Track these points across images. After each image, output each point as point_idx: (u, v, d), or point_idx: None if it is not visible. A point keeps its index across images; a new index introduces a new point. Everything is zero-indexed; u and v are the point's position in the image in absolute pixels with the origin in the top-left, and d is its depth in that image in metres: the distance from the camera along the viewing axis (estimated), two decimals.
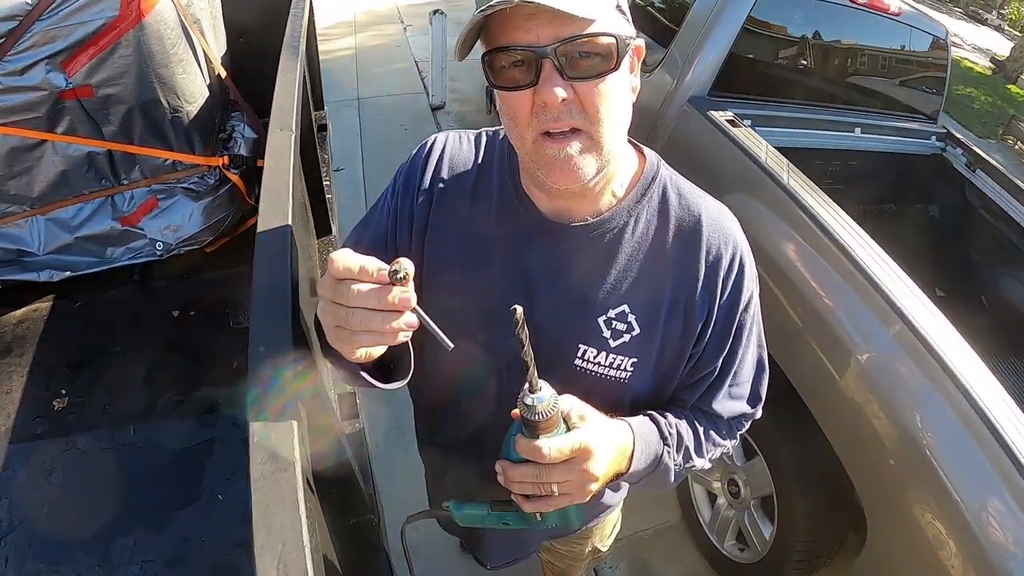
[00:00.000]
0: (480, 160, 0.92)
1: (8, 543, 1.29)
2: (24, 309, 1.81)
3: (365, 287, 0.62)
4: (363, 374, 0.75)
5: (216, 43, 2.06)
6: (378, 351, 0.70)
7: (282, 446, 0.65)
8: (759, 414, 1.01)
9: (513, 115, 0.74)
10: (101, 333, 1.75)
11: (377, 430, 2.61)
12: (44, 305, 1.83)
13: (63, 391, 1.59)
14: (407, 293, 0.62)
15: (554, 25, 0.67)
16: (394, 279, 0.61)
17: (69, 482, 1.40)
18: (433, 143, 0.94)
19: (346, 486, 1.08)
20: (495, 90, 0.75)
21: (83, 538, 1.32)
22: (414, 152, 0.94)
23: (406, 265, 0.61)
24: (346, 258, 0.62)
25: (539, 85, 0.70)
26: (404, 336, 0.65)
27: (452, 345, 0.65)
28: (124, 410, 1.55)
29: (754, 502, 2.14)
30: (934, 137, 3.12)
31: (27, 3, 1.50)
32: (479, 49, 0.76)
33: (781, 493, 2.00)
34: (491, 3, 0.66)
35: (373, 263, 0.62)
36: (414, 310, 0.63)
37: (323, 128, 2.68)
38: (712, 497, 2.38)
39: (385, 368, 0.80)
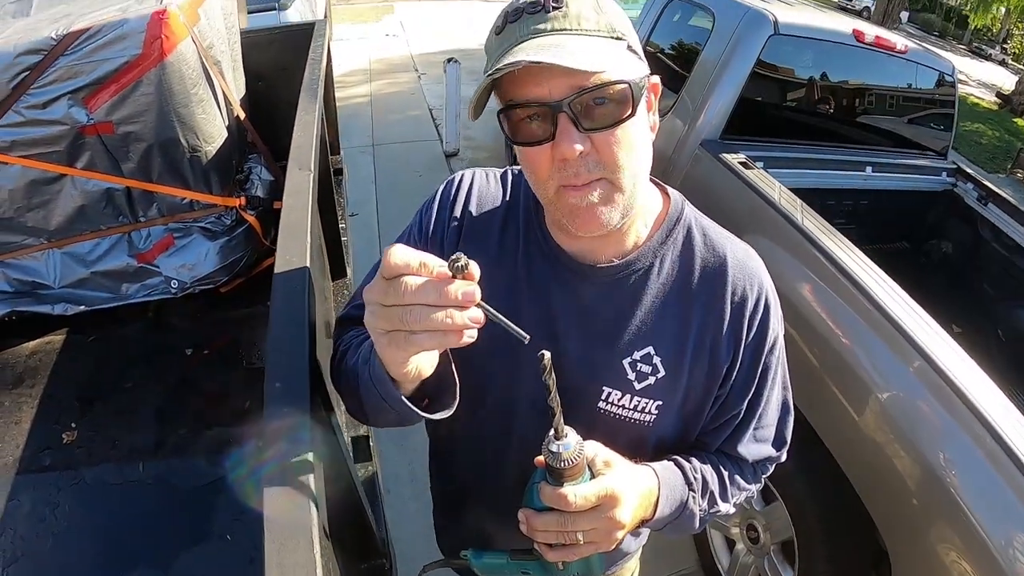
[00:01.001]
0: (507, 199, 0.92)
1: (10, 574, 1.26)
2: (37, 341, 1.81)
3: (422, 280, 0.57)
4: (404, 400, 0.69)
5: (236, 85, 2.09)
6: (429, 367, 0.67)
7: (297, 485, 0.64)
8: (784, 457, 1.00)
9: (534, 169, 0.74)
10: (113, 368, 1.74)
11: (389, 474, 2.59)
12: (57, 338, 1.82)
13: (73, 424, 1.57)
14: (471, 286, 0.57)
15: (566, 78, 0.67)
16: (455, 271, 0.57)
17: (75, 515, 1.38)
18: (461, 180, 0.94)
19: (359, 530, 1.06)
20: (514, 145, 0.75)
21: (86, 573, 1.30)
22: (441, 188, 0.94)
23: (468, 259, 0.57)
24: (403, 253, 0.58)
25: (556, 139, 0.69)
26: (469, 336, 0.59)
27: (528, 337, 0.60)
28: (134, 446, 1.53)
29: (774, 547, 2.09)
30: (944, 173, 3.14)
31: (52, 38, 1.53)
32: (491, 102, 0.76)
33: (802, 537, 1.95)
34: (498, 66, 0.67)
35: (434, 259, 0.58)
36: (479, 304, 0.58)
37: (339, 172, 2.71)
38: (730, 543, 2.33)
39: (420, 397, 0.76)
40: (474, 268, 0.58)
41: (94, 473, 1.46)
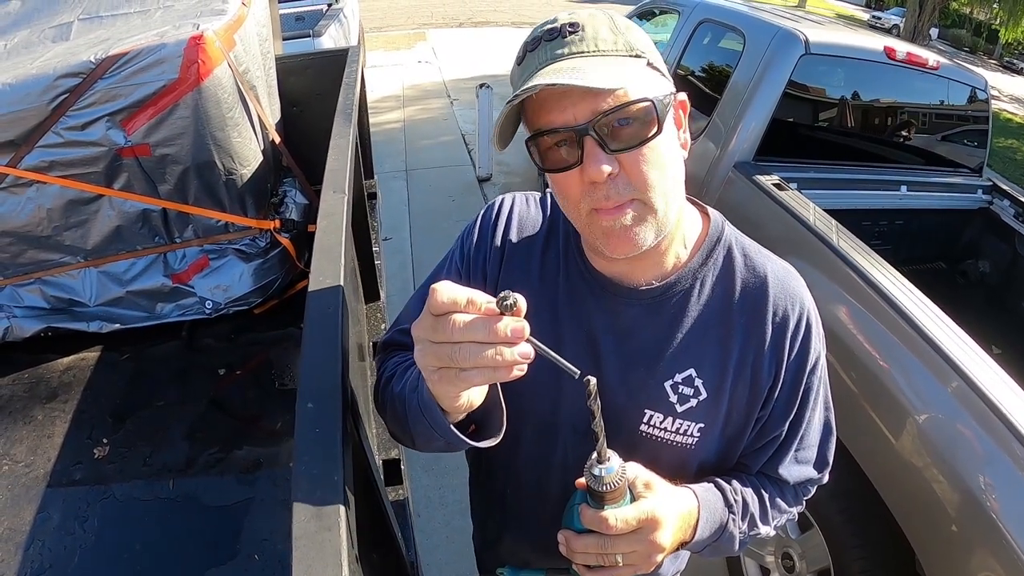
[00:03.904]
0: (547, 223, 0.93)
1: None
2: (71, 357, 1.84)
3: (471, 318, 0.58)
4: (454, 429, 0.70)
5: (271, 110, 2.12)
6: (479, 397, 0.68)
7: (327, 505, 0.63)
8: (826, 479, 0.97)
9: (565, 194, 0.75)
10: (146, 386, 1.76)
11: (420, 498, 2.58)
12: (91, 355, 1.85)
13: (104, 440, 1.59)
14: (520, 323, 0.58)
15: (587, 101, 0.68)
16: (503, 309, 0.57)
17: (103, 530, 1.38)
18: (501, 204, 0.95)
19: (388, 553, 1.05)
20: (544, 172, 0.76)
21: None
22: (481, 214, 0.95)
23: (516, 296, 0.57)
24: (450, 290, 0.58)
25: (584, 163, 0.70)
26: (519, 371, 0.60)
27: (578, 372, 0.60)
28: (164, 463, 1.54)
29: None
30: (980, 190, 3.10)
31: (91, 61, 1.57)
32: (521, 127, 0.77)
33: (839, 565, 1.90)
34: (516, 92, 0.68)
35: (482, 296, 0.58)
36: (529, 340, 0.58)
37: (373, 196, 2.74)
38: (765, 571, 2.27)
39: (466, 423, 0.76)
40: (522, 304, 0.58)
41: (124, 489, 1.48)
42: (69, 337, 1.85)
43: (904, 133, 3.09)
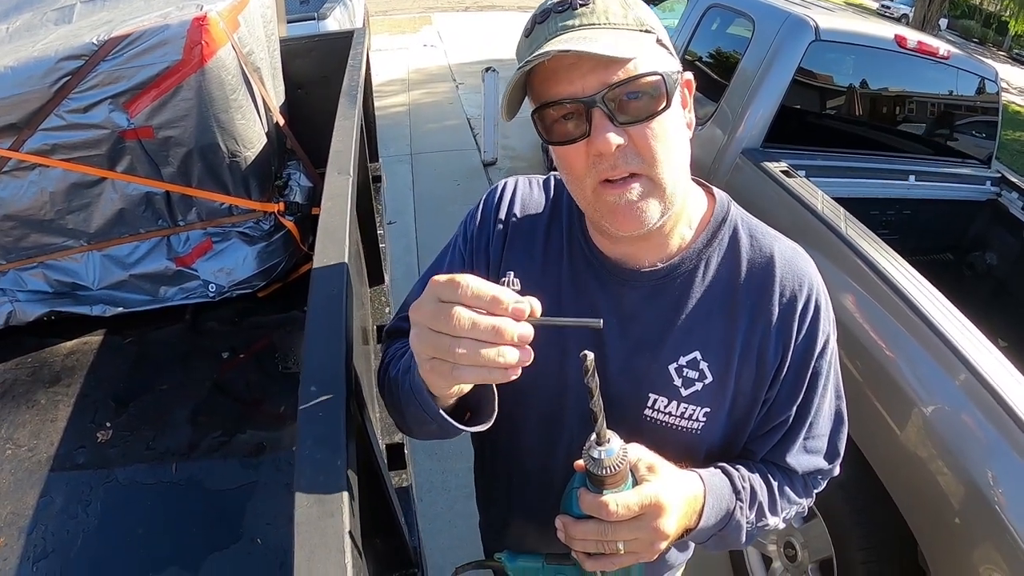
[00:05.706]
0: (550, 205, 0.91)
1: (39, 569, 1.28)
2: (75, 341, 1.84)
3: (481, 316, 0.56)
4: (443, 415, 0.69)
5: (275, 92, 2.11)
6: (468, 385, 0.67)
7: (330, 490, 0.62)
8: (837, 471, 0.95)
9: (570, 168, 0.73)
10: (149, 370, 1.76)
11: (424, 483, 2.58)
12: (95, 339, 1.85)
13: (108, 424, 1.59)
14: (527, 328, 0.57)
15: (597, 72, 0.67)
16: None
17: (106, 514, 1.39)
18: (504, 187, 0.94)
19: (391, 538, 1.04)
20: (549, 146, 0.74)
21: (115, 572, 1.31)
22: (484, 196, 0.94)
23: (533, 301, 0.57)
24: (476, 282, 0.57)
25: (592, 135, 0.69)
26: (514, 374, 0.59)
27: (600, 320, 0.59)
28: (167, 447, 1.54)
29: (812, 566, 2.03)
30: (989, 182, 3.07)
31: (93, 43, 1.56)
32: (527, 106, 0.76)
33: (841, 555, 1.90)
34: (528, 59, 0.67)
35: (509, 294, 0.57)
36: (531, 320, 0.57)
37: (377, 179, 2.73)
38: (767, 561, 2.27)
39: (459, 410, 0.75)
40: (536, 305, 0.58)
41: (127, 473, 1.48)
42: (72, 321, 1.85)
43: (913, 122, 3.07)
